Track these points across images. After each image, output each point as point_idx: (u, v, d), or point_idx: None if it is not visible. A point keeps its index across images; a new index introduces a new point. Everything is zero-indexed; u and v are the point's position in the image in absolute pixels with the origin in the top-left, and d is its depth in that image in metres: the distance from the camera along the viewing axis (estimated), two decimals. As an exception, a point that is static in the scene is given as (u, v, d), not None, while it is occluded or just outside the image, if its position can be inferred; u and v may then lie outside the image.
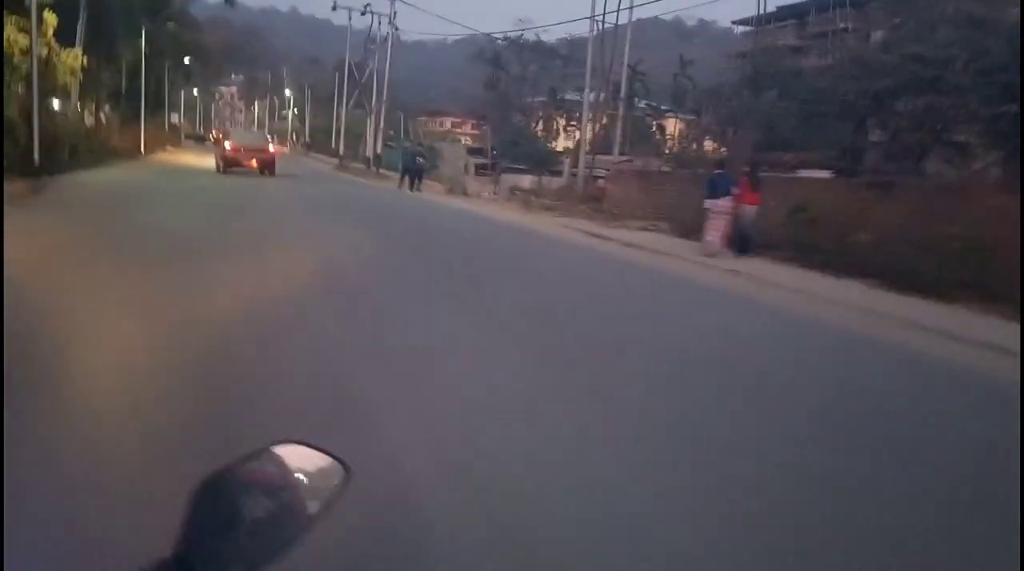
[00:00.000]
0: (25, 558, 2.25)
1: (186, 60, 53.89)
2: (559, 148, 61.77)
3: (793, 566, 2.90)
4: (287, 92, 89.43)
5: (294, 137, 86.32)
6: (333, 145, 61.02)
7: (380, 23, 38.83)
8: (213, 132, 69.57)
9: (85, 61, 26.83)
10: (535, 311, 7.58)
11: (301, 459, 1.16)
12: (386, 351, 5.57)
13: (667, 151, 50.48)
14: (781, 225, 13.62)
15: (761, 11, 50.25)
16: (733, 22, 52.29)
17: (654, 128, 67.24)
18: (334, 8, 38.42)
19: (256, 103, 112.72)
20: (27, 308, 5.67)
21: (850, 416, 4.87)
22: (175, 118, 67.30)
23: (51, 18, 22.98)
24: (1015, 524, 3.03)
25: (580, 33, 72.74)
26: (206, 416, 3.86)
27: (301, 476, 1.15)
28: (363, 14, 38.90)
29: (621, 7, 31.90)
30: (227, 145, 29.12)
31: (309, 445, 1.18)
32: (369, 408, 4.23)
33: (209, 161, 32.80)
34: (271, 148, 29.93)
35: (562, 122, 63.00)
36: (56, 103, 31.46)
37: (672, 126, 55.88)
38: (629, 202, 18.93)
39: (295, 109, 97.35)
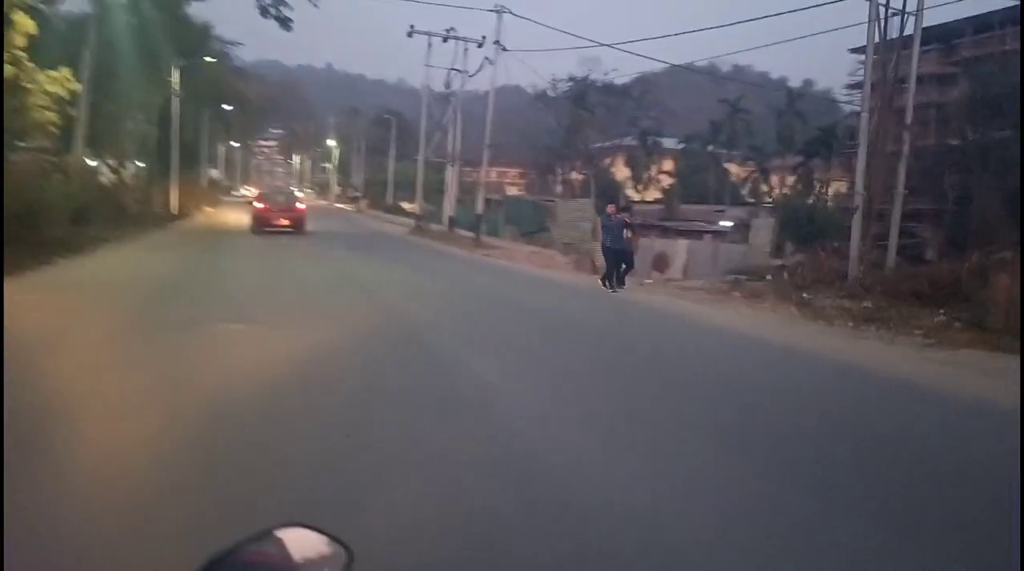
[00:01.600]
0: None
1: (225, 107, 45.34)
2: (648, 198, 52.62)
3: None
4: (331, 143, 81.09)
5: (341, 189, 77.61)
6: (389, 199, 52.01)
7: (467, 50, 29.73)
8: (250, 189, 61.03)
9: (81, 91, 17.81)
10: None
11: (304, 542, 1.12)
12: None
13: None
14: None
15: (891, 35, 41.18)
16: (851, 50, 42.95)
17: (742, 176, 57.71)
18: (410, 35, 29.44)
19: (296, 156, 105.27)
20: None
21: None
22: (214, 173, 58.75)
23: (23, 21, 13.99)
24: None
25: (654, 69, 64.10)
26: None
27: (303, 560, 1.09)
28: (445, 40, 29.90)
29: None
30: (257, 205, 26.72)
31: (313, 528, 1.14)
32: None
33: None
34: (300, 206, 27.32)
35: (654, 170, 53.92)
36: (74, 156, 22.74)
37: (779, 174, 46.25)
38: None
39: (336, 161, 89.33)
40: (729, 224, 46.69)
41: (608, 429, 5.14)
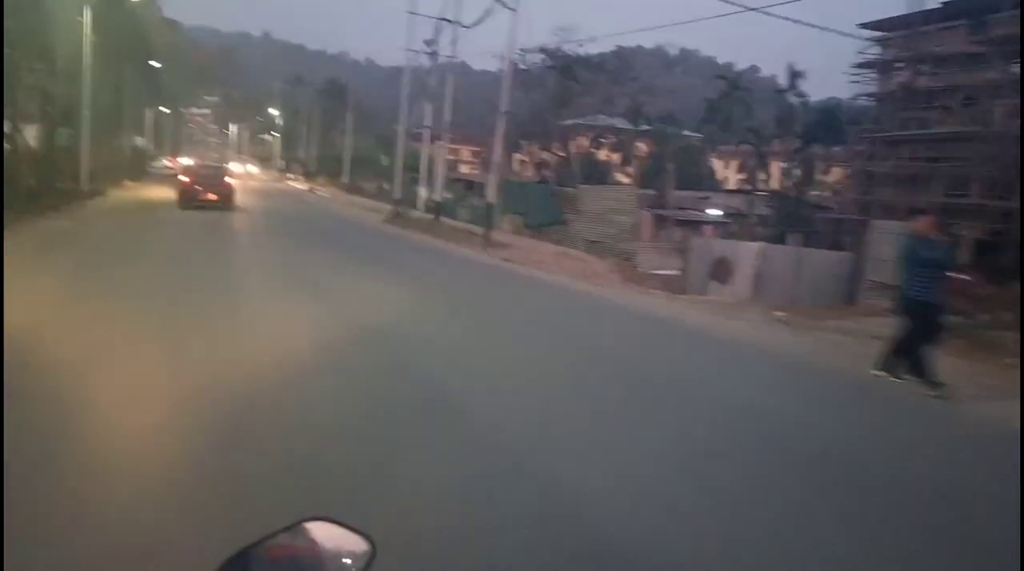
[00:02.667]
0: None
1: (154, 64, 37.87)
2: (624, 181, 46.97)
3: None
4: (274, 112, 73.15)
5: (285, 163, 69.92)
6: (346, 178, 45.32)
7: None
8: (172, 160, 53.32)
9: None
10: None
11: (328, 536, 1.11)
12: None
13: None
14: None
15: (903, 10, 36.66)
16: (860, 25, 38.37)
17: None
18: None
19: (232, 126, 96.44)
20: None
21: None
22: (139, 141, 50.60)
23: None
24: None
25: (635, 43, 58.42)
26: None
27: (329, 553, 1.09)
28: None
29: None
30: (183, 178, 24.07)
31: (336, 522, 1.13)
32: None
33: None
34: (229, 179, 24.63)
35: (641, 151, 48.28)
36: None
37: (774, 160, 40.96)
38: None
39: (274, 133, 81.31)
40: (718, 213, 41.75)
41: None
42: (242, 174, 60.40)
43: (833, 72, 43.21)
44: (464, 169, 59.70)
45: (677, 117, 54.29)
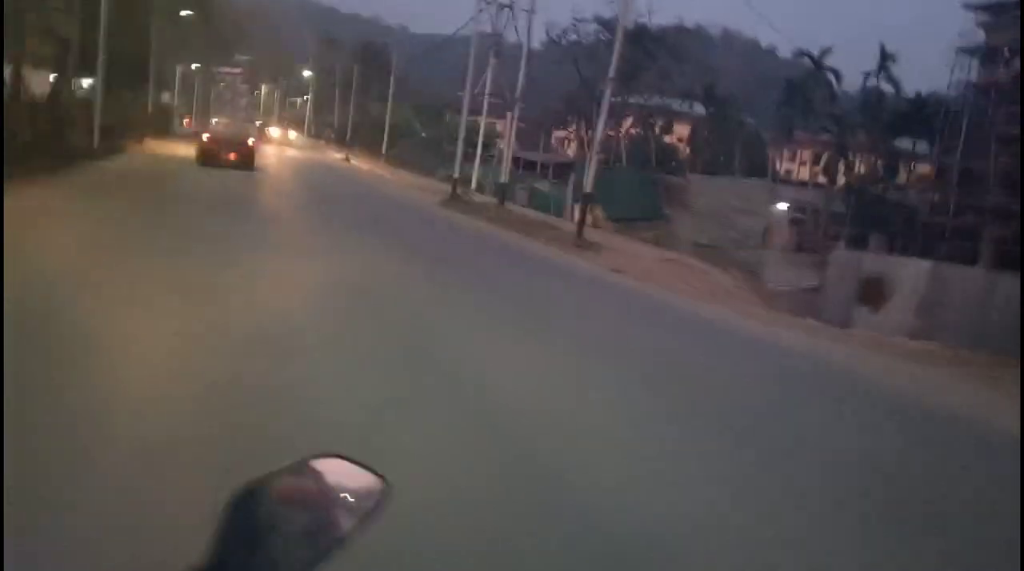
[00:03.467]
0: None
1: (184, 13, 33.93)
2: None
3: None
4: (307, 74, 69.13)
5: (314, 129, 66.02)
6: (384, 148, 41.45)
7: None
8: (187, 121, 51.01)
9: None
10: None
11: (340, 474, 1.06)
12: None
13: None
14: None
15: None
16: (966, 6, 33.85)
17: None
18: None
19: (263, 87, 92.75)
20: None
21: None
22: (166, 97, 46.87)
23: None
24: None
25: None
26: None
27: (339, 491, 1.04)
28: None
29: None
30: (204, 137, 23.84)
31: (349, 460, 1.07)
32: None
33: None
34: (250, 141, 24.41)
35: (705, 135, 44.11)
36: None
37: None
38: None
39: (305, 96, 77.32)
40: (783, 206, 37.49)
41: None
42: (279, 138, 56.40)
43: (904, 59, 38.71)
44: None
45: (738, 99, 50.06)
